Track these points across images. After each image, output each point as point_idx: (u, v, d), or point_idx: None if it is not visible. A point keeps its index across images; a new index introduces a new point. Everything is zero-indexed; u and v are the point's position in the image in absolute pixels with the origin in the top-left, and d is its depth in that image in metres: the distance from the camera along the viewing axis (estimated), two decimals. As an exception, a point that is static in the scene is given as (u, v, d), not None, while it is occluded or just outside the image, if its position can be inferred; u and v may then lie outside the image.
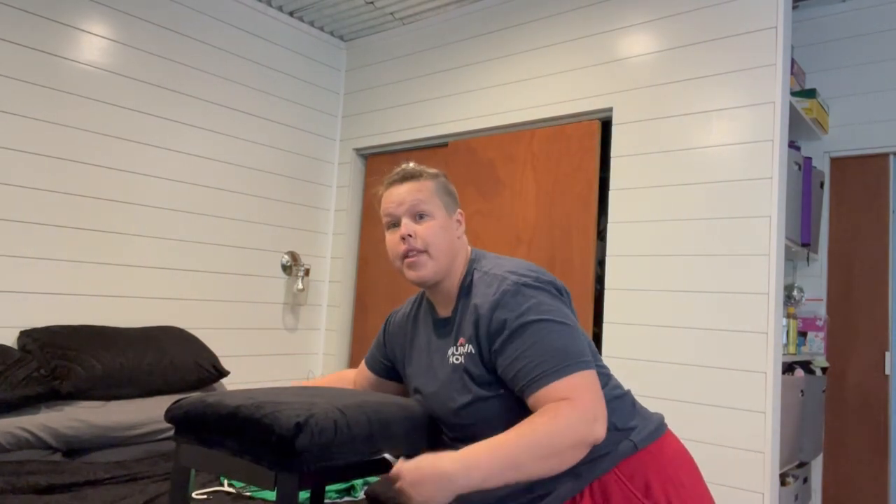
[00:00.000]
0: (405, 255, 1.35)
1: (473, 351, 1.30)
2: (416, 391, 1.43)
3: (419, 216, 1.37)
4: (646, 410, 1.39)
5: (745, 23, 2.50)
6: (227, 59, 3.35)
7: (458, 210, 1.44)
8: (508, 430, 1.14)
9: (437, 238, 1.35)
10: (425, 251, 1.35)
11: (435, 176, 1.42)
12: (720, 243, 2.47)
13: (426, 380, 1.40)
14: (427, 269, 1.35)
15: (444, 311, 1.41)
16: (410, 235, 1.35)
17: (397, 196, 1.38)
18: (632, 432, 1.30)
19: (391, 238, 1.39)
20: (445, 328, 1.39)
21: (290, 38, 3.66)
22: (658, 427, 1.35)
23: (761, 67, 2.45)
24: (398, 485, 1.12)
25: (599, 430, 1.16)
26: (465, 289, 1.36)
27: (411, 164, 1.44)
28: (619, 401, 1.33)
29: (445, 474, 1.09)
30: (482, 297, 1.30)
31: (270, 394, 1.30)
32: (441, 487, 1.09)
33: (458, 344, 1.33)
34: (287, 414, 1.15)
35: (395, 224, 1.39)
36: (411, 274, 1.36)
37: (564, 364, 1.20)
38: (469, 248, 1.45)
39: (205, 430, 1.25)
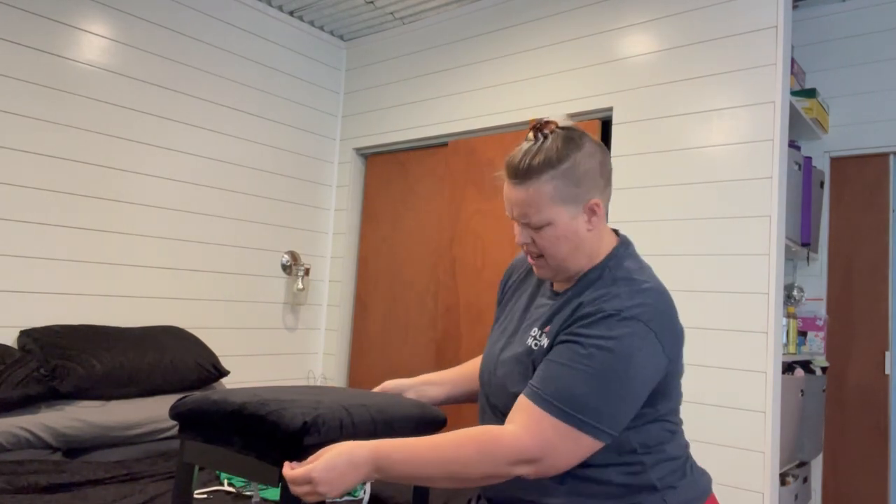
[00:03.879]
0: (527, 254, 1.27)
1: (546, 345, 1.20)
2: (494, 354, 1.33)
3: (536, 227, 1.21)
4: (698, 475, 1.27)
5: (745, 22, 2.51)
6: (226, 59, 3.35)
7: (593, 200, 1.20)
8: (437, 440, 1.10)
9: (555, 248, 1.21)
10: (542, 257, 1.24)
11: (555, 167, 1.18)
12: (720, 243, 2.47)
13: (507, 348, 1.30)
14: (546, 272, 1.26)
15: (560, 286, 1.29)
16: (526, 243, 1.25)
17: (509, 197, 1.22)
18: (668, 492, 1.20)
19: (515, 228, 1.28)
20: (547, 303, 1.28)
21: (290, 37, 3.66)
22: (699, 496, 1.24)
23: (761, 67, 2.45)
24: (305, 489, 1.05)
25: (523, 471, 1.10)
26: (589, 281, 1.23)
27: (528, 154, 1.19)
28: (671, 462, 1.22)
29: (357, 467, 1.07)
30: (589, 300, 1.17)
31: (274, 391, 1.30)
32: (353, 481, 1.07)
33: (544, 330, 1.23)
34: (293, 412, 1.15)
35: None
36: (534, 271, 1.30)
37: (558, 404, 1.10)
38: (613, 237, 1.29)
39: (209, 427, 1.25)
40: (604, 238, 1.26)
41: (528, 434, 1.09)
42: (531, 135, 1.22)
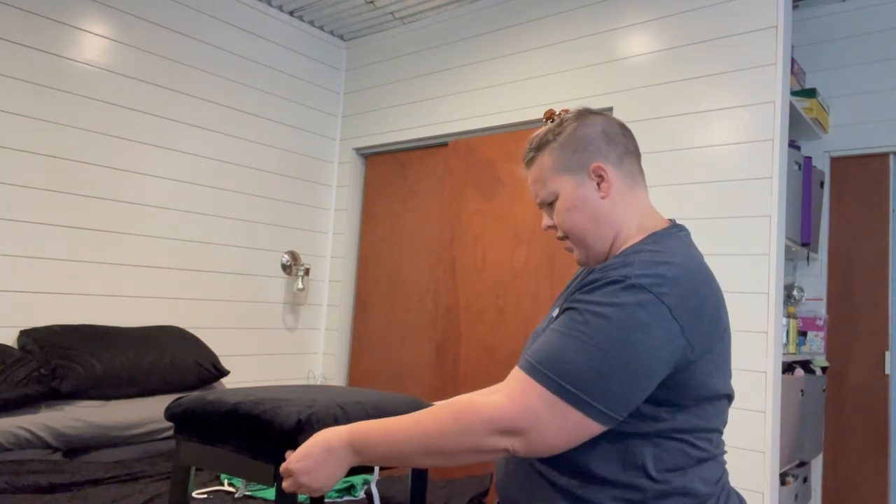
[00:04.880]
0: (560, 240, 1.24)
1: (556, 314, 1.13)
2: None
3: (549, 204, 1.20)
4: None
5: (746, 22, 2.50)
6: (227, 59, 3.35)
7: (594, 165, 1.15)
8: (414, 414, 1.05)
9: (568, 222, 1.17)
10: (566, 238, 1.21)
11: (557, 135, 1.19)
12: (720, 243, 2.47)
13: (539, 329, 1.24)
14: (578, 255, 1.21)
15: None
16: (550, 227, 1.22)
17: (528, 184, 1.24)
18: None
19: None
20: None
21: (290, 37, 3.66)
22: None
23: (761, 67, 2.45)
24: (289, 483, 1.05)
25: (509, 444, 1.00)
26: (610, 262, 1.12)
27: (534, 138, 1.22)
28: (684, 499, 1.04)
29: (334, 452, 1.05)
30: (600, 267, 1.08)
31: (269, 391, 1.30)
32: (335, 468, 1.05)
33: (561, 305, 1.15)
34: (287, 411, 1.15)
35: None
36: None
37: (546, 371, 1.00)
38: (662, 220, 1.19)
39: (205, 428, 1.26)
40: (634, 210, 1.17)
41: (511, 401, 0.99)
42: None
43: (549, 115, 1.25)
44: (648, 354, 0.98)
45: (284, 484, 1.06)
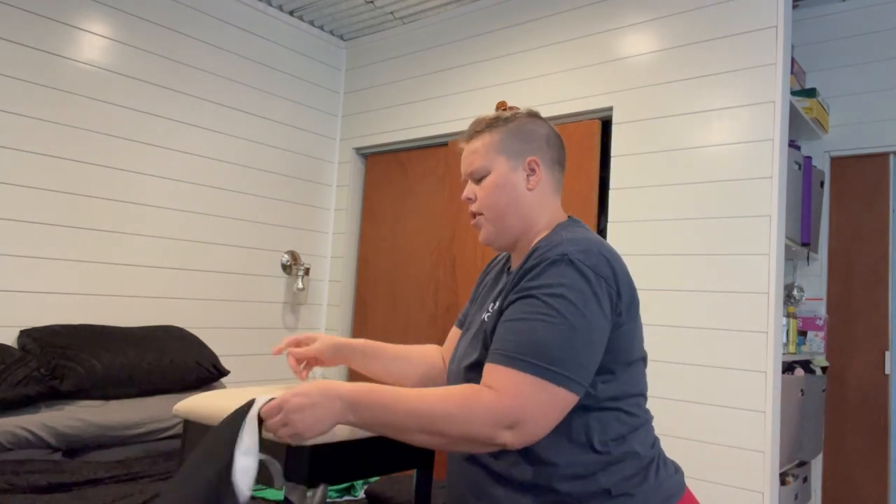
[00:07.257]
0: (470, 215, 1.28)
1: (497, 307, 1.17)
2: (458, 349, 1.31)
3: (478, 178, 1.26)
4: (663, 477, 1.15)
5: (746, 22, 2.50)
6: (227, 59, 3.35)
7: (531, 158, 1.24)
8: (419, 390, 1.05)
9: (492, 198, 1.24)
10: (482, 213, 1.26)
11: (508, 121, 1.26)
12: (720, 243, 2.47)
13: (466, 332, 1.29)
14: (486, 232, 1.27)
15: (516, 265, 1.28)
16: (469, 199, 1.28)
17: (463, 156, 1.29)
18: (621, 500, 1.09)
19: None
20: (504, 281, 1.27)
21: (290, 37, 3.66)
22: (666, 499, 1.13)
23: (761, 67, 2.45)
24: (276, 420, 1.02)
25: (507, 438, 1.02)
26: (536, 247, 1.18)
27: (489, 114, 1.29)
28: (630, 464, 1.11)
29: (331, 399, 1.03)
30: (534, 256, 1.14)
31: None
32: (326, 415, 1.03)
33: (496, 301, 1.21)
34: None
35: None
36: (479, 237, 1.29)
37: (525, 358, 1.03)
38: (562, 212, 1.29)
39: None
40: (549, 210, 1.26)
41: (506, 394, 1.02)
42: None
43: (503, 106, 1.32)
44: (603, 323, 1.08)
45: (270, 422, 1.03)
